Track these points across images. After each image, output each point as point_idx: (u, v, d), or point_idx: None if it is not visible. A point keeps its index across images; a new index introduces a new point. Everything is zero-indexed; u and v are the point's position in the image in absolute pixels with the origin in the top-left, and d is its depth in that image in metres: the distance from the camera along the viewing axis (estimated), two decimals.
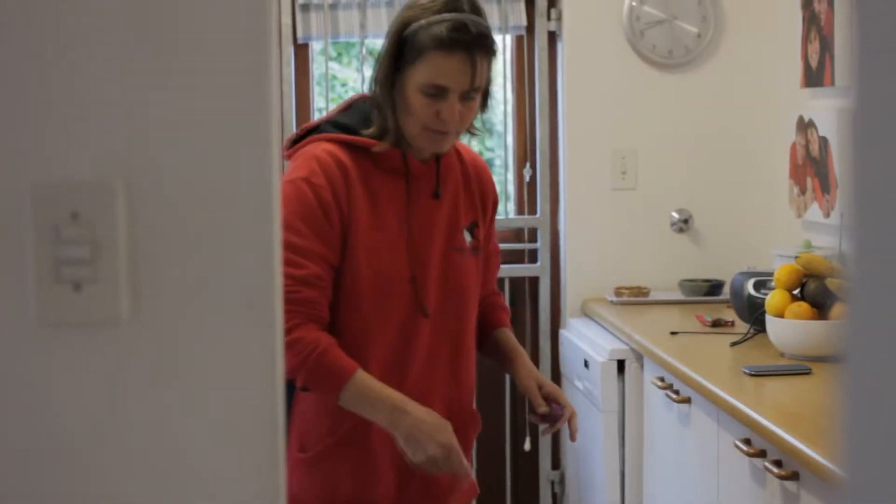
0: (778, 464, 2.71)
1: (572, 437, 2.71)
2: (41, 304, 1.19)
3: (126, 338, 1.21)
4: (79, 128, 1.21)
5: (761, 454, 2.82)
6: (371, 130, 2.61)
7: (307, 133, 2.68)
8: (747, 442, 2.90)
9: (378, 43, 6.68)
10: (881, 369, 0.77)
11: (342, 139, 2.62)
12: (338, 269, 2.58)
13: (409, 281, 2.61)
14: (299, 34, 4.76)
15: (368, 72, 4.87)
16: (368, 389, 2.51)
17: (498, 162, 5.06)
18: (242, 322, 1.23)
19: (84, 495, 1.23)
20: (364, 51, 4.88)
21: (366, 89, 2.79)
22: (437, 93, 2.54)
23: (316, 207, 2.54)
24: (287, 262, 2.45)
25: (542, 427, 2.73)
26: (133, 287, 1.21)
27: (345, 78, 7.79)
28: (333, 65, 7.41)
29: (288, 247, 2.48)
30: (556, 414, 2.68)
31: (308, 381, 2.52)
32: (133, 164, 1.22)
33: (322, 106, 4.84)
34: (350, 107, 2.70)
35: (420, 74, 2.54)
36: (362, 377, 2.51)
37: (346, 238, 2.57)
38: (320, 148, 2.60)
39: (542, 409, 2.68)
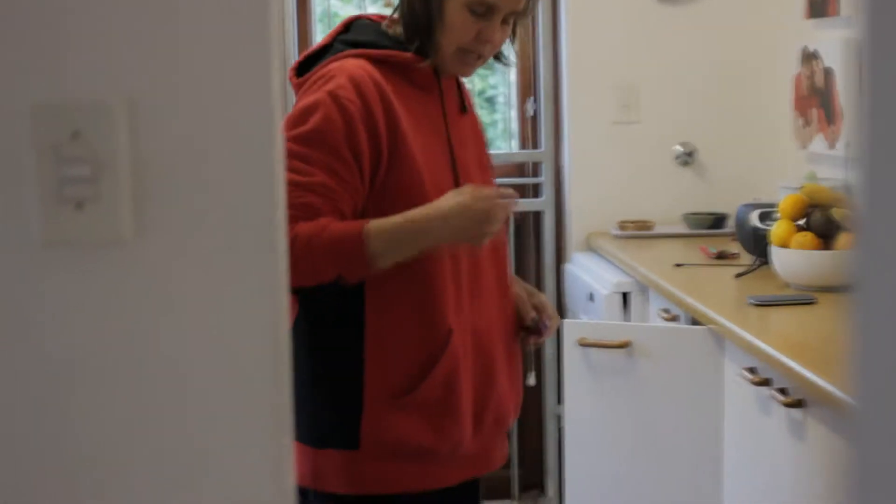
0: (783, 392, 2.71)
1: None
2: (43, 223, 1.18)
3: (129, 257, 1.21)
4: (80, 48, 1.20)
5: (766, 383, 2.82)
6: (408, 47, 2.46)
7: (315, 57, 2.51)
8: (752, 371, 2.91)
9: None
10: (890, 298, 0.77)
11: (374, 55, 2.44)
12: (380, 194, 2.38)
13: None
14: None
15: (371, 9, 4.85)
16: (392, 226, 2.33)
17: (501, 99, 5.04)
18: (245, 244, 1.23)
19: (81, 417, 1.23)
20: None
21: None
22: (484, 12, 2.44)
23: (337, 120, 2.34)
24: (291, 170, 2.27)
25: (528, 339, 2.66)
26: (136, 207, 1.20)
27: (346, 15, 7.76)
28: (334, 1, 7.38)
29: (295, 156, 2.31)
30: (541, 326, 2.63)
31: (328, 264, 2.30)
32: (135, 85, 1.21)
33: None
34: (349, 27, 2.54)
35: None
36: (376, 222, 2.33)
37: (392, 160, 2.37)
38: (350, 63, 2.41)
39: (531, 316, 2.61)
